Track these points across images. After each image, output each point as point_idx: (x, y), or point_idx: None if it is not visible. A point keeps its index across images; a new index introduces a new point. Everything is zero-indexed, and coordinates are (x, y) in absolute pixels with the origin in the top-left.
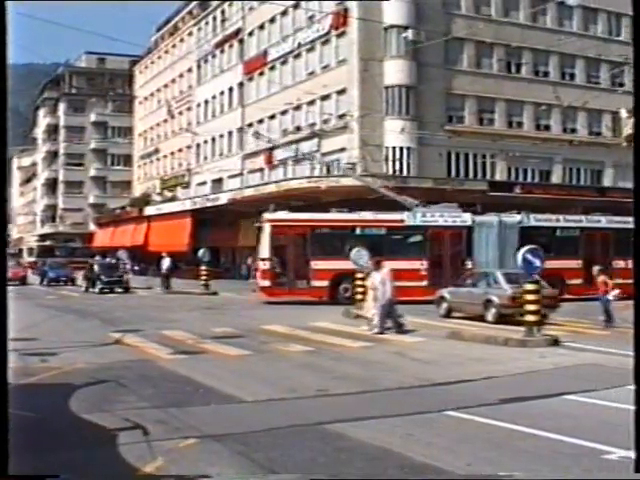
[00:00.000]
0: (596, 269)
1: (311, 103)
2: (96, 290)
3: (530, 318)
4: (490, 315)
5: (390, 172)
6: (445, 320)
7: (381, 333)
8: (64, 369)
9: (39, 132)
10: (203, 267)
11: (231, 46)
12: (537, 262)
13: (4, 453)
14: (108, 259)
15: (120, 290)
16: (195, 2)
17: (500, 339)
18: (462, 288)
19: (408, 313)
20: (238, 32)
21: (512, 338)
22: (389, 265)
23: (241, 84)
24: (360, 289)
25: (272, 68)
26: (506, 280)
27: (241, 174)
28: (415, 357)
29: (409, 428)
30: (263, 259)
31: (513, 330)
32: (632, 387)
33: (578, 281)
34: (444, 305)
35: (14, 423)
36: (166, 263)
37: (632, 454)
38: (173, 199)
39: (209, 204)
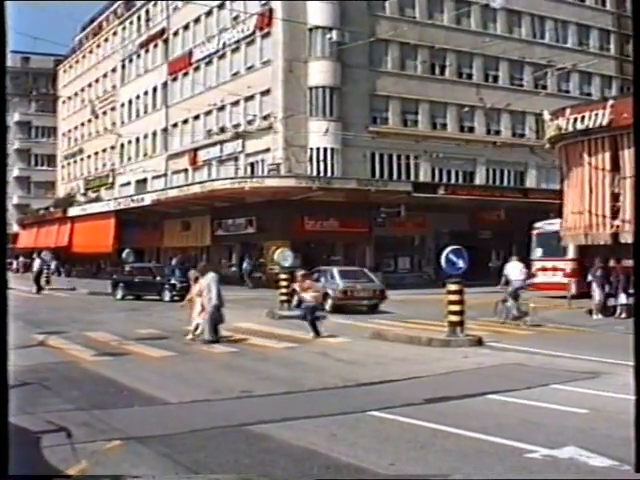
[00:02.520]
0: (299, 274)
1: (235, 104)
2: (166, 298)
3: (453, 318)
4: (327, 305)
5: (314, 173)
6: (368, 320)
7: (212, 342)
8: None
9: None
10: (127, 268)
11: (156, 46)
12: (460, 262)
13: (4, 453)
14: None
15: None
16: (120, 2)
17: (423, 339)
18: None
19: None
20: (163, 32)
21: (435, 338)
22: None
23: (165, 84)
24: (284, 290)
25: (197, 68)
26: (340, 276)
27: (165, 175)
28: (339, 357)
29: (333, 428)
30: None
31: (436, 330)
32: (632, 397)
33: None
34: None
35: None
36: (37, 265)
37: (556, 452)
38: (97, 200)
39: (133, 205)
